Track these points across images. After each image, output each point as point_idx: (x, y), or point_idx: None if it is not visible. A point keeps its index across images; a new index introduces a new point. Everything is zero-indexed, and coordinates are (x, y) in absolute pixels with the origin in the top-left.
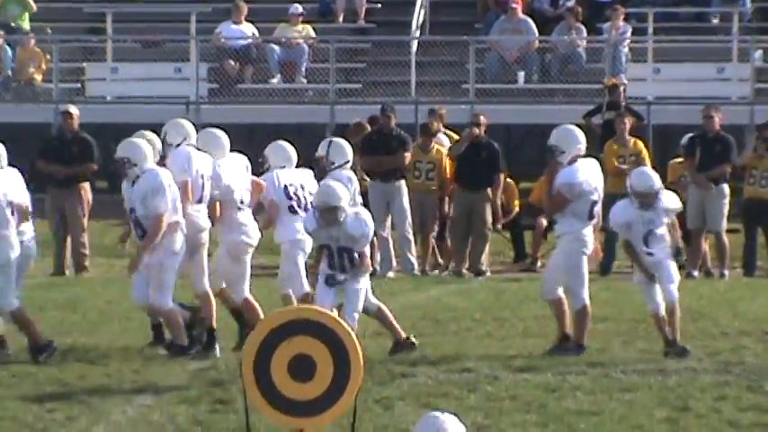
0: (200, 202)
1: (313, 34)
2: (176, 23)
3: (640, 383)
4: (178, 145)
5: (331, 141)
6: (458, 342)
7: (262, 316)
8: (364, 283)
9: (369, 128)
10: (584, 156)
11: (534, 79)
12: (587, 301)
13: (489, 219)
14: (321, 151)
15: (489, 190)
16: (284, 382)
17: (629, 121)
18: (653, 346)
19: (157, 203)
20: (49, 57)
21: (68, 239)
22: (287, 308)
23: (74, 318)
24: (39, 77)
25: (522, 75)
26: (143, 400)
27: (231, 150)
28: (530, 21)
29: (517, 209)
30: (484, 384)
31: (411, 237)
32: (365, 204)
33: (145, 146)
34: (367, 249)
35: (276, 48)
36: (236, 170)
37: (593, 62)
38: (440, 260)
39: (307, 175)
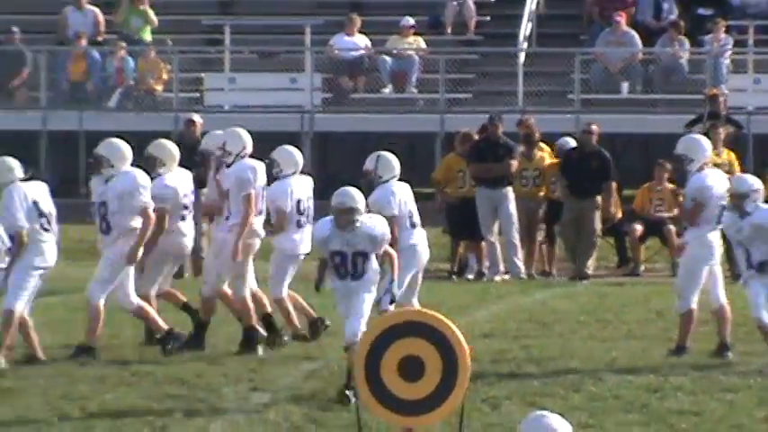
0: (259, 213)
1: (424, 46)
2: (291, 35)
3: (740, 384)
4: (237, 155)
5: (379, 156)
6: (562, 343)
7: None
8: (374, 292)
9: (476, 136)
10: None
11: (637, 89)
12: (694, 306)
13: (598, 226)
14: (369, 165)
15: (598, 197)
16: (394, 381)
17: (723, 131)
18: (754, 347)
19: (143, 200)
20: (169, 67)
21: None
22: (398, 310)
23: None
24: (159, 87)
25: (625, 85)
26: (259, 399)
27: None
28: (633, 33)
29: (620, 215)
30: (588, 384)
31: (517, 242)
32: (472, 210)
33: (124, 148)
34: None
35: (388, 59)
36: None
37: (695, 73)
38: (546, 267)
39: (309, 183)
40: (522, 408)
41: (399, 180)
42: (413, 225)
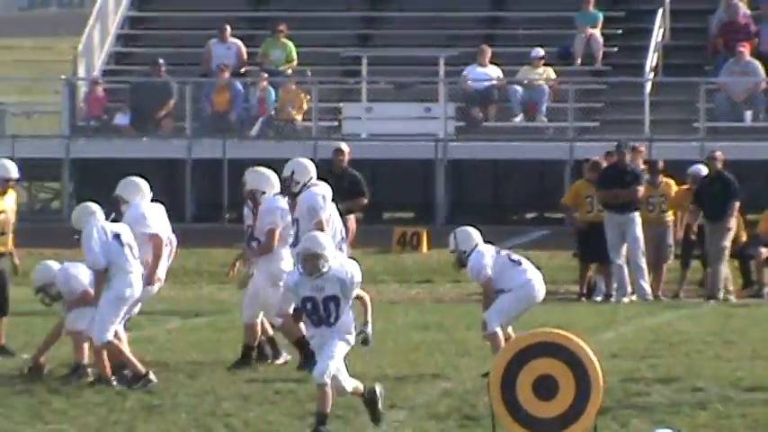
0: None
1: (553, 76)
2: (426, 66)
3: None
4: (304, 184)
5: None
6: (689, 363)
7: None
8: (350, 340)
9: (603, 164)
10: None
11: (761, 118)
12: None
13: (727, 245)
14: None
15: (729, 219)
16: (529, 400)
17: None
18: None
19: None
20: (308, 97)
21: None
22: (534, 331)
23: None
24: (299, 117)
25: (749, 114)
26: (396, 416)
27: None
28: (757, 63)
29: (744, 238)
30: (714, 403)
31: (644, 265)
32: (600, 235)
33: (272, 177)
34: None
35: (519, 88)
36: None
37: None
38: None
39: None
40: (650, 426)
41: None
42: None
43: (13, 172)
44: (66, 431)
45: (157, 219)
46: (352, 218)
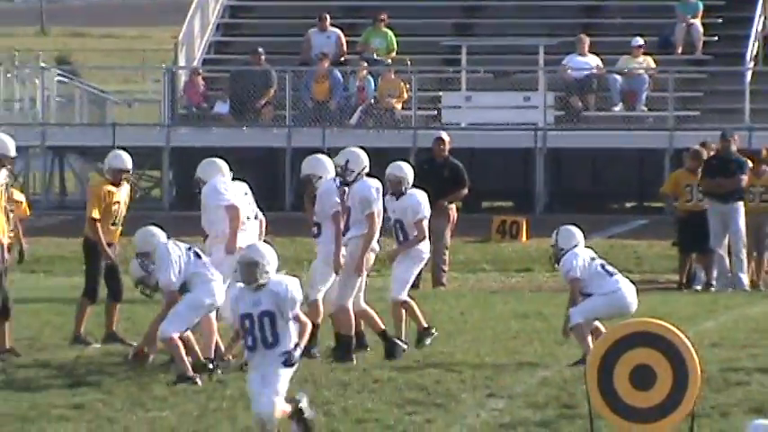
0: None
1: (653, 65)
2: (525, 55)
3: None
4: (358, 173)
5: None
6: None
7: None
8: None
9: (705, 154)
10: None
11: None
12: None
13: None
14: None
15: None
16: (626, 389)
17: None
18: None
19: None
20: (408, 86)
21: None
22: (630, 320)
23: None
24: (398, 106)
25: None
26: (494, 405)
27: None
28: None
29: None
30: None
31: (744, 257)
32: (700, 224)
33: (327, 161)
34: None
35: (618, 78)
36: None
37: None
38: None
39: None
40: (750, 415)
41: None
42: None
43: (128, 163)
44: (167, 418)
45: (234, 192)
46: (453, 207)
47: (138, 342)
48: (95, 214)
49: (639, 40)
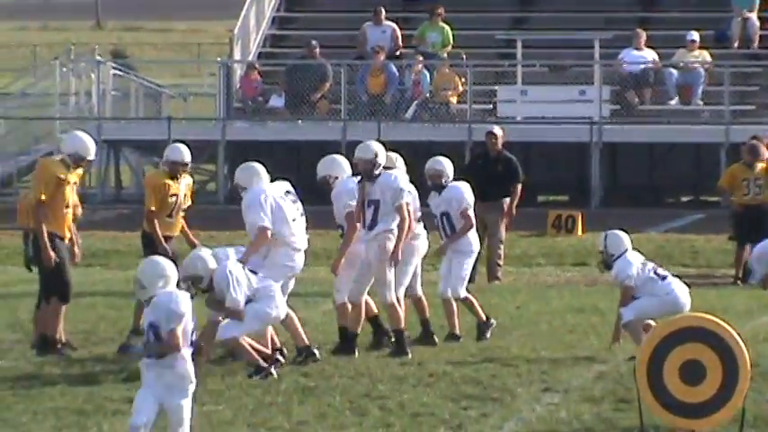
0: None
1: (709, 59)
2: (581, 49)
3: None
4: (384, 168)
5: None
6: None
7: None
8: (190, 396)
9: (763, 148)
10: None
11: None
12: None
13: None
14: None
15: None
16: (676, 385)
17: None
18: None
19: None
20: (463, 80)
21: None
22: (680, 315)
23: None
24: (454, 99)
25: None
26: (550, 399)
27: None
28: None
29: None
30: None
31: None
32: (757, 217)
33: (343, 161)
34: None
35: (674, 72)
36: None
37: None
38: None
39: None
40: None
41: None
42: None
43: (187, 156)
44: (222, 412)
45: (275, 194)
46: (507, 200)
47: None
48: (152, 206)
49: (694, 35)
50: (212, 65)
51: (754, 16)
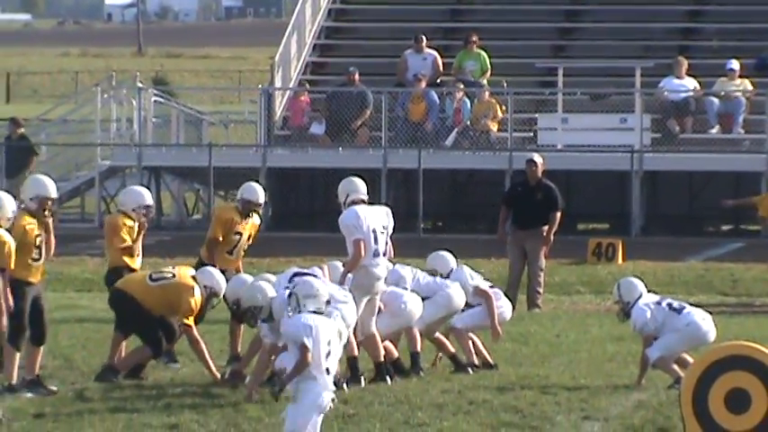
0: (376, 255)
1: (750, 88)
2: (622, 77)
3: None
4: (344, 203)
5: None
6: None
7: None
8: None
9: None
10: None
11: None
12: None
13: None
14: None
15: None
16: (722, 414)
17: None
18: None
19: None
20: (503, 108)
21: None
22: (725, 344)
23: (525, 350)
24: (494, 127)
25: None
26: (590, 427)
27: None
28: None
29: None
30: None
31: None
32: None
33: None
34: None
35: (715, 100)
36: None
37: None
38: None
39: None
40: None
41: None
42: None
43: (262, 197)
44: None
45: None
46: (545, 228)
47: (235, 364)
48: (218, 236)
49: (734, 64)
50: (253, 92)
51: None
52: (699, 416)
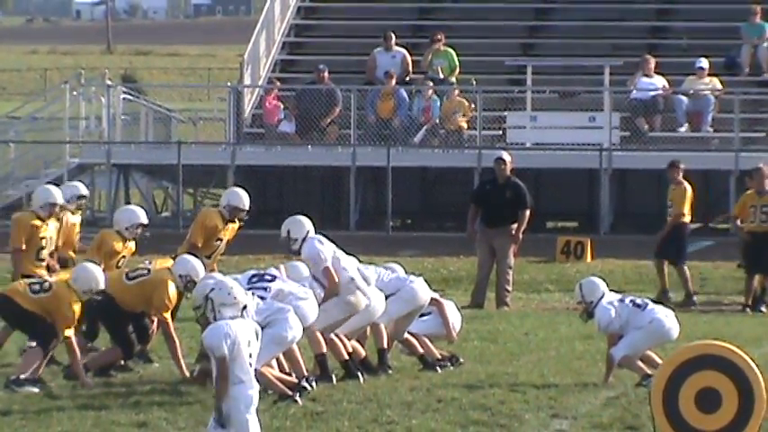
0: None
1: (719, 86)
2: (590, 76)
3: None
4: (304, 239)
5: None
6: None
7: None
8: None
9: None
10: None
11: None
12: None
13: None
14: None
15: None
16: (692, 413)
17: None
18: None
19: None
20: (473, 106)
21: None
22: (696, 343)
23: (494, 348)
24: (464, 125)
25: None
26: (558, 425)
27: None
28: None
29: None
30: None
31: None
32: (763, 245)
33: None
34: None
35: (684, 99)
36: None
37: None
38: None
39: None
40: None
41: None
42: None
43: (247, 203)
44: None
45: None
46: (514, 226)
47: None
48: (198, 242)
49: (704, 63)
50: (222, 89)
51: (765, 43)
52: (669, 416)
